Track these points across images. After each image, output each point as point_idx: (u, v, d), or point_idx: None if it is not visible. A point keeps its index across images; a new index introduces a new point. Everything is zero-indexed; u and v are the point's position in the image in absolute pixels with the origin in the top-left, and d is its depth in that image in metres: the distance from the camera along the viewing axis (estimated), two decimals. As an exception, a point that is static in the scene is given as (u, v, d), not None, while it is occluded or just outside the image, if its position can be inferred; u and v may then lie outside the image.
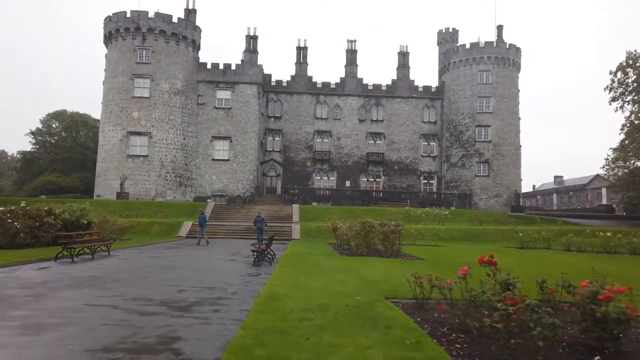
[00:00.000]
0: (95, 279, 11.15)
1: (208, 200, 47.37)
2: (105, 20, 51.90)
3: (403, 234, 17.31)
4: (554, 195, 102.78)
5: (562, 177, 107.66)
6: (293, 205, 41.80)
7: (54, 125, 71.61)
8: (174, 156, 49.54)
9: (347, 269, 12.66)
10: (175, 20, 50.65)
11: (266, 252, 14.87)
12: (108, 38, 51.31)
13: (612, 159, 40.48)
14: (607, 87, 39.98)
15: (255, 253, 14.60)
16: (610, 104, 39.71)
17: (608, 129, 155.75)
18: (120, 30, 49.67)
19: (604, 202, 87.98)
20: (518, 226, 27.95)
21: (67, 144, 68.25)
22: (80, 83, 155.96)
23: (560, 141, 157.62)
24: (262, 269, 13.73)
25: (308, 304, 7.58)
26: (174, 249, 21.49)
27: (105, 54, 52.60)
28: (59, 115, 71.14)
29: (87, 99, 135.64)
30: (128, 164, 47.84)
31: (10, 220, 18.73)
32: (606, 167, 41.99)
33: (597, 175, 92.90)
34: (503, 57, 56.04)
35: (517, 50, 57.37)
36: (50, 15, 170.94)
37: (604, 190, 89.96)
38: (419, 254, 18.66)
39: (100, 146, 50.21)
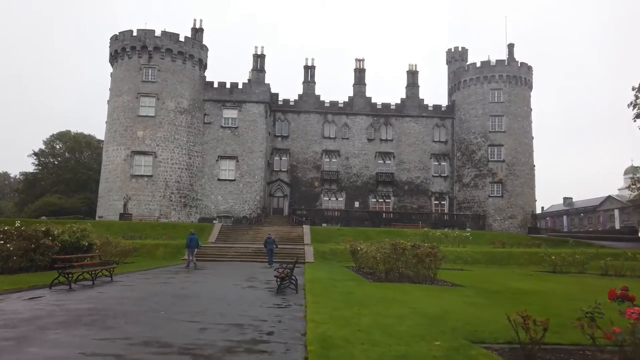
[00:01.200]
0: (95, 312, 9.25)
1: (214, 221, 45.53)
2: (111, 39, 51.24)
3: (439, 258, 15.54)
4: (564, 217, 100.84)
5: (571, 198, 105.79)
6: (304, 226, 40.00)
7: (57, 147, 70.53)
8: (179, 176, 48.05)
9: (389, 300, 10.82)
10: (182, 38, 49.94)
11: (290, 278, 13.02)
12: (114, 57, 50.55)
13: (639, 178, 38.82)
14: (631, 103, 38.66)
15: (278, 279, 12.77)
16: (635, 120, 38.28)
17: (615, 151, 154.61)
18: (127, 48, 48.91)
19: (617, 223, 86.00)
20: (549, 249, 26.07)
21: (70, 165, 66.97)
22: (85, 104, 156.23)
23: (565, 162, 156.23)
24: (288, 297, 11.85)
25: (381, 353, 5.73)
26: (182, 273, 19.65)
27: (111, 73, 51.78)
28: (62, 136, 70.18)
29: (92, 120, 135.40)
30: (132, 184, 46.31)
31: (2, 242, 16.97)
32: (632, 186, 40.24)
33: (609, 197, 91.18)
34: (515, 76, 55.06)
35: (529, 68, 56.47)
36: (55, 36, 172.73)
37: (616, 212, 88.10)
38: (453, 280, 16.83)
39: (104, 166, 48.81)
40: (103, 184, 48.07)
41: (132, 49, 48.79)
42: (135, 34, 49.14)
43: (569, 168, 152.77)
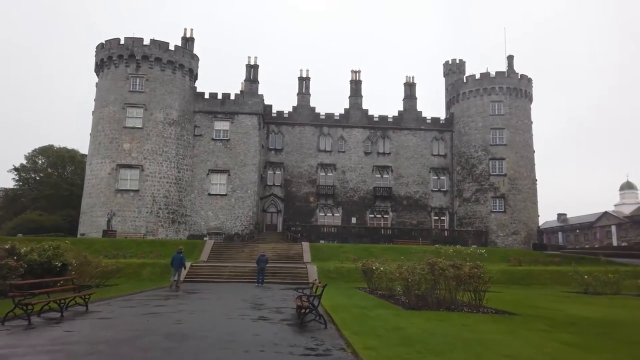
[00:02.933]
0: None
1: (205, 238, 42.63)
2: (97, 47, 48.76)
3: (486, 280, 13.15)
4: (559, 234, 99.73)
5: (565, 214, 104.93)
6: (302, 243, 37.38)
7: (39, 162, 67.05)
8: (167, 191, 45.17)
9: (458, 339, 8.20)
10: (172, 47, 47.69)
11: (315, 309, 10.25)
12: (100, 66, 48.02)
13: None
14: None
15: (302, 310, 10.04)
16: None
17: (610, 167, 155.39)
18: (113, 57, 46.44)
19: (614, 240, 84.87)
20: (578, 267, 23.87)
21: (53, 181, 63.45)
22: (69, 117, 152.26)
23: (557, 178, 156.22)
24: (318, 335, 9.07)
25: None
26: (173, 298, 16.86)
27: (96, 83, 49.15)
28: (45, 150, 66.80)
29: (76, 133, 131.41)
30: (117, 199, 43.30)
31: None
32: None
33: (606, 213, 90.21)
34: (515, 88, 53.79)
35: (529, 81, 55.33)
36: (37, 47, 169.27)
37: (613, 228, 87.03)
38: (494, 304, 14.39)
39: (87, 180, 45.74)
40: (86, 200, 44.95)
41: (119, 58, 46.34)
42: (122, 42, 46.79)
43: (561, 184, 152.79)
